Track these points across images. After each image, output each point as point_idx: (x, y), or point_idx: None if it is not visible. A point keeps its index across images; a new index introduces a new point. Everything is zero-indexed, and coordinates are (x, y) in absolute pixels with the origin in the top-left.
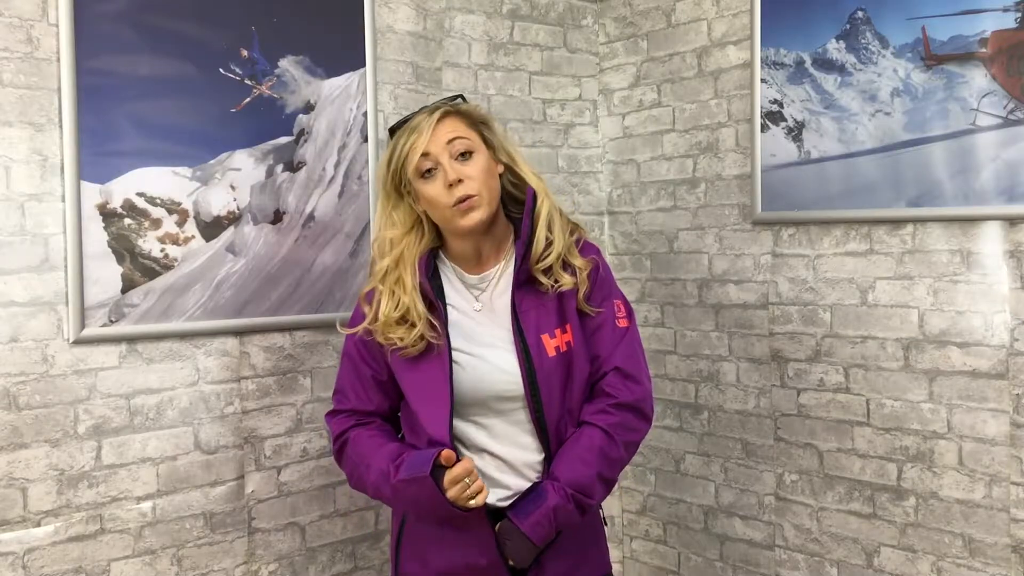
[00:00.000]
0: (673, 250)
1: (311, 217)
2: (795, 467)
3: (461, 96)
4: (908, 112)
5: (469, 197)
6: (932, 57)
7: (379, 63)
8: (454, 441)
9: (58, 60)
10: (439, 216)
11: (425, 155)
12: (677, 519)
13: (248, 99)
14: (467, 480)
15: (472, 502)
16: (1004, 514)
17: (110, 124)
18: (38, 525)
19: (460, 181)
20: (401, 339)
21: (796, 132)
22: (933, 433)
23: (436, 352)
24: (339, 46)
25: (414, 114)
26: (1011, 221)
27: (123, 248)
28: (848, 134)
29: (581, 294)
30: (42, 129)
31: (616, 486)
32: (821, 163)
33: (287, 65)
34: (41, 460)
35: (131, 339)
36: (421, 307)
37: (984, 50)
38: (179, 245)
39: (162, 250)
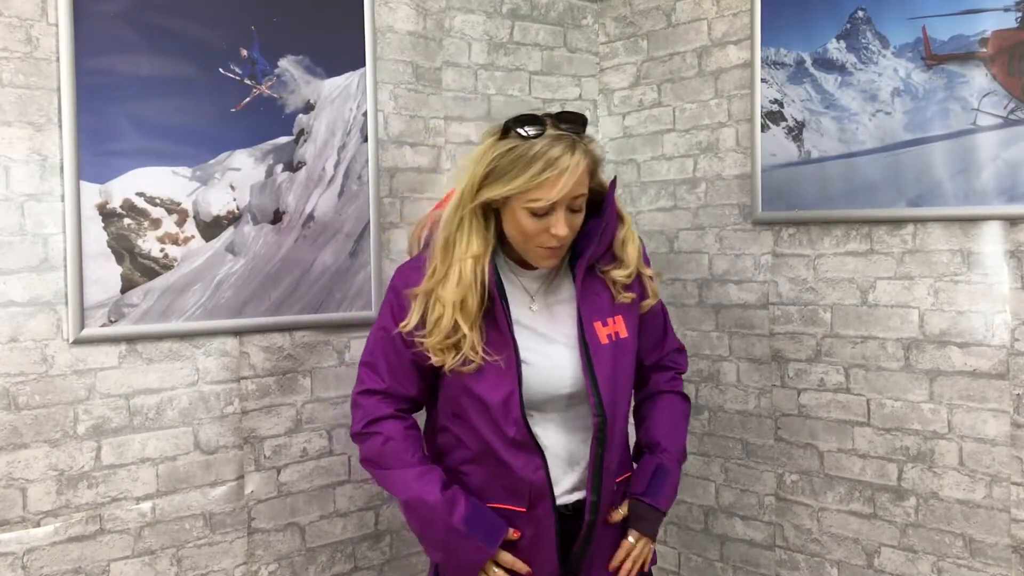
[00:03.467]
0: (673, 250)
1: (311, 217)
2: (795, 467)
3: (584, 120)
4: (908, 112)
5: (561, 246)
6: (933, 57)
7: (379, 63)
8: (529, 437)
9: (58, 60)
10: (518, 241)
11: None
12: (677, 519)
13: (248, 99)
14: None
15: None
16: (1005, 514)
17: (110, 124)
18: (38, 525)
19: (564, 234)
20: (452, 360)
21: (796, 132)
22: (933, 433)
23: (502, 357)
24: (339, 46)
25: (546, 134)
26: (1012, 221)
27: (123, 248)
28: (848, 134)
29: (648, 304)
30: (42, 129)
31: None
32: (821, 163)
33: (287, 65)
34: (41, 460)
35: (131, 339)
36: (478, 339)
37: (985, 50)
38: (179, 245)
39: (162, 250)
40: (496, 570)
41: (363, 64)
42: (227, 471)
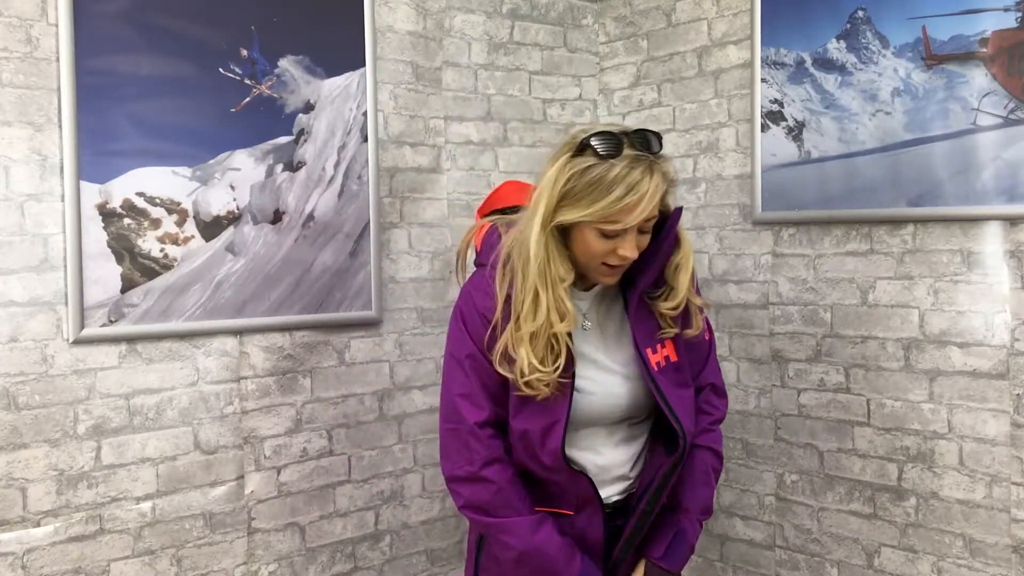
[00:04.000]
0: None
1: (311, 217)
2: (795, 467)
3: (659, 140)
4: (908, 112)
5: (624, 264)
6: (932, 57)
7: (379, 63)
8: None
9: (57, 60)
10: (583, 259)
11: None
12: None
13: (248, 99)
14: None
15: None
16: (1004, 514)
17: (110, 124)
18: (38, 525)
19: (633, 256)
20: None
21: (796, 132)
22: (934, 433)
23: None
24: (339, 46)
25: (623, 154)
26: (1011, 221)
27: (123, 248)
28: (848, 134)
29: (690, 335)
30: (41, 129)
31: None
32: (821, 163)
33: (287, 65)
34: (41, 460)
35: (131, 339)
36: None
37: (984, 50)
38: (179, 245)
39: (162, 250)
40: None
41: (363, 64)
42: (227, 471)
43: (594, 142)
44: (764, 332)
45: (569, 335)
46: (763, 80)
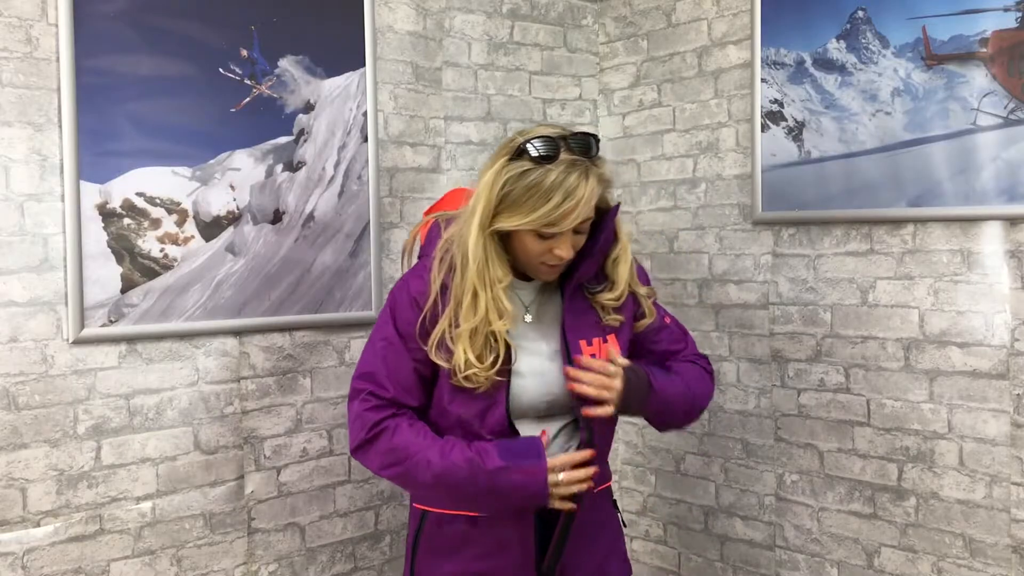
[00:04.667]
0: (673, 250)
1: (311, 217)
2: (795, 467)
3: (597, 142)
4: (908, 112)
5: (562, 263)
6: (932, 57)
7: (379, 63)
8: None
9: (57, 60)
10: (521, 258)
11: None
12: (677, 519)
13: (248, 99)
14: (580, 473)
15: (564, 503)
16: (1004, 514)
17: (110, 124)
18: (38, 525)
19: (569, 256)
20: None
21: (796, 132)
22: (933, 433)
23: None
24: (339, 46)
25: (560, 159)
26: (1011, 221)
27: (123, 248)
28: (848, 134)
29: (645, 323)
30: (41, 129)
31: (617, 487)
32: (821, 163)
33: (287, 65)
34: (41, 460)
35: (131, 339)
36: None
37: (985, 50)
38: (179, 245)
39: (162, 250)
40: (561, 476)
41: (363, 64)
42: (227, 471)
43: (530, 147)
44: (764, 332)
45: (509, 331)
46: (763, 80)
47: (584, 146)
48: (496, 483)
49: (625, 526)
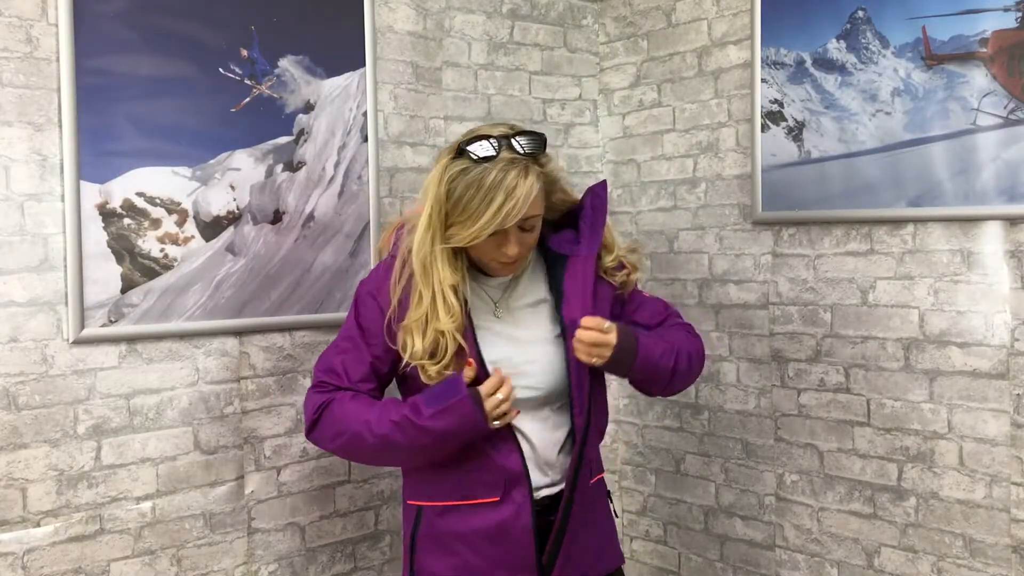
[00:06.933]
0: (673, 250)
1: (311, 217)
2: (795, 467)
3: (543, 138)
4: (908, 112)
5: (518, 260)
6: (932, 57)
7: (379, 63)
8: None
9: (57, 60)
10: (477, 257)
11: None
12: (677, 519)
13: (248, 99)
14: (499, 394)
15: (507, 417)
16: (1005, 514)
17: (110, 124)
18: (38, 525)
19: (515, 254)
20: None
21: (796, 132)
22: (933, 433)
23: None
24: (339, 46)
25: (499, 158)
26: (1011, 221)
27: (123, 248)
28: (848, 134)
29: (636, 279)
30: (41, 129)
31: (617, 487)
32: (821, 163)
33: (287, 65)
34: (41, 460)
35: (131, 339)
36: (452, 349)
37: (985, 50)
38: (179, 245)
39: (162, 250)
40: (492, 398)
41: (363, 64)
42: (227, 471)
43: (470, 147)
44: (764, 332)
45: (471, 333)
46: (763, 80)
47: (525, 144)
48: (435, 431)
49: (617, 516)
